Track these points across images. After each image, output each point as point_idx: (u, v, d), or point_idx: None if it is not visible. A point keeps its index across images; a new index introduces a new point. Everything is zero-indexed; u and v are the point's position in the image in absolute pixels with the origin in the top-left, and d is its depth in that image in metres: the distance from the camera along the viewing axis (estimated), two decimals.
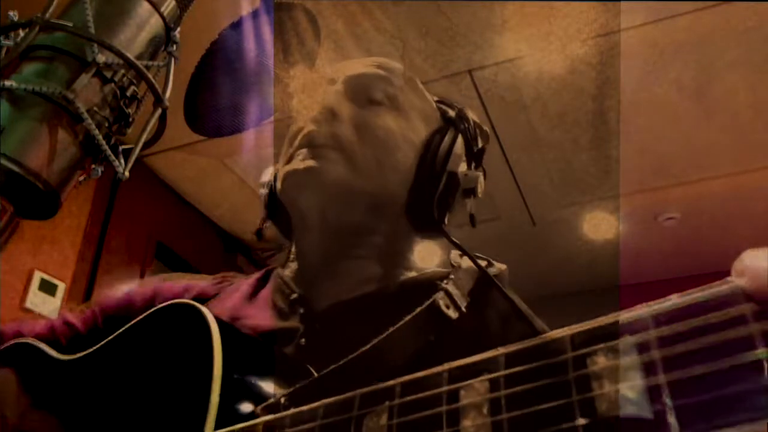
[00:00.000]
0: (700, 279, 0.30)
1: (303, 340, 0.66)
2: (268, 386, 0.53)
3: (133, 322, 0.63)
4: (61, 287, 2.77)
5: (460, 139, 0.75)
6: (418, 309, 0.62)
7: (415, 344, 0.60)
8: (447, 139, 0.73)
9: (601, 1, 2.29)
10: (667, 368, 0.28)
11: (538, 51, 2.54)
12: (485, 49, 2.54)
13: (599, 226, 3.66)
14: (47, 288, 2.70)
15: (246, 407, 0.50)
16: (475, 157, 0.78)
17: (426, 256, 0.79)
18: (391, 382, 0.39)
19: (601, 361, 0.30)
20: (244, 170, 3.33)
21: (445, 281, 0.67)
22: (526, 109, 2.84)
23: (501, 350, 0.35)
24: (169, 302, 0.61)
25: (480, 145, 0.79)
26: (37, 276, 2.67)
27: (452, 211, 0.73)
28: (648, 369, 0.29)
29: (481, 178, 0.74)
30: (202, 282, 0.82)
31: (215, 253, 3.77)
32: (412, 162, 0.72)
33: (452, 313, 0.64)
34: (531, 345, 0.34)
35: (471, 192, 0.73)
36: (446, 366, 0.37)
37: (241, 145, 2.92)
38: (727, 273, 0.30)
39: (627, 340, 0.30)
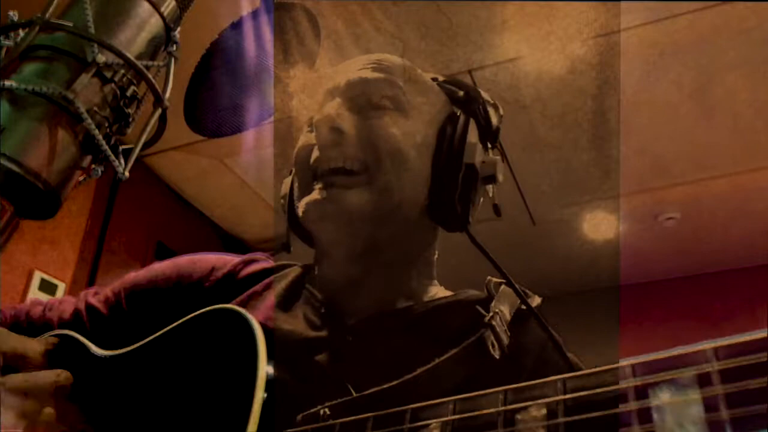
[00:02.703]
0: (700, 279, 0.29)
1: (335, 350, 0.65)
2: (307, 396, 0.53)
3: (177, 323, 0.63)
4: (61, 287, 2.77)
5: (472, 124, 0.72)
6: (465, 343, 0.61)
7: (455, 378, 0.60)
8: (459, 129, 0.70)
9: (601, 1, 2.29)
10: (729, 403, 0.28)
11: (538, 51, 2.54)
12: (485, 49, 2.54)
13: (599, 226, 3.66)
14: (47, 288, 2.70)
15: (286, 415, 0.50)
16: (490, 138, 0.76)
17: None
18: (445, 399, 0.39)
19: (663, 395, 0.30)
20: (244, 170, 3.33)
21: (490, 314, 0.65)
22: (526, 109, 2.84)
23: (560, 377, 0.35)
24: (215, 307, 0.60)
25: (494, 124, 0.76)
26: (37, 276, 2.67)
27: (475, 204, 0.71)
28: (710, 403, 0.28)
29: (500, 162, 0.72)
30: (230, 261, 0.80)
31: None
32: (427, 162, 0.70)
33: (496, 353, 0.63)
34: (590, 373, 0.34)
35: (491, 179, 0.71)
36: (502, 388, 0.37)
37: (241, 145, 2.92)
38: (727, 273, 0.30)
39: (688, 373, 0.30)
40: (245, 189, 3.45)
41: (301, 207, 0.70)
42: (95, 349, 0.69)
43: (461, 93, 0.75)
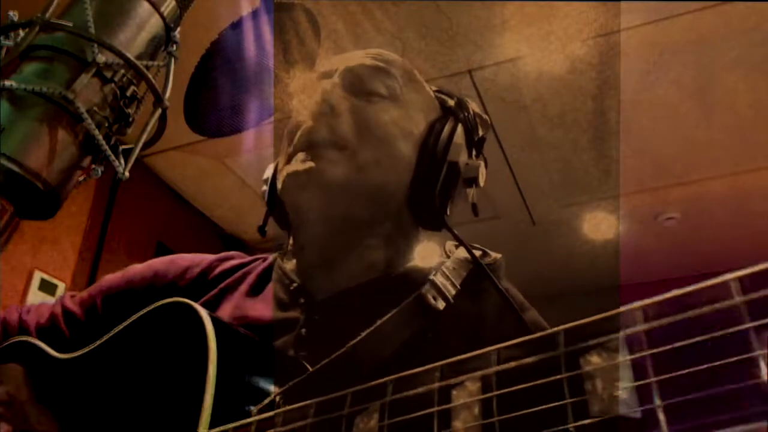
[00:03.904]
0: (700, 279, 0.29)
1: (303, 330, 0.66)
2: (264, 384, 0.53)
3: (130, 320, 0.63)
4: (61, 287, 2.77)
5: (460, 129, 0.74)
6: (405, 302, 0.63)
7: (401, 336, 0.61)
8: (447, 128, 0.73)
9: (601, 1, 2.29)
10: (657, 366, 0.28)
11: (538, 51, 2.54)
12: (485, 49, 2.54)
13: (599, 226, 3.67)
14: (47, 288, 2.70)
15: (241, 406, 0.50)
16: (475, 146, 0.78)
17: (427, 255, 0.79)
18: (383, 380, 0.38)
19: (594, 360, 0.30)
20: (244, 170, 3.33)
21: (434, 272, 0.67)
22: (526, 109, 2.84)
23: (493, 348, 0.34)
24: (166, 301, 0.61)
25: (480, 133, 0.78)
26: (37, 276, 2.67)
27: (454, 201, 0.72)
28: (638, 366, 0.28)
29: (483, 167, 0.74)
30: (204, 259, 0.81)
31: (215, 253, 3.76)
32: (412, 154, 0.71)
33: (439, 304, 0.65)
34: (524, 341, 0.33)
35: (472, 181, 0.72)
36: (438, 363, 0.37)
37: (241, 145, 2.92)
38: (727, 273, 0.30)
39: (618, 337, 0.30)
40: (245, 189, 3.45)
41: (281, 177, 0.71)
42: (53, 353, 0.69)
43: (452, 102, 0.78)
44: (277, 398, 0.49)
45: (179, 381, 0.53)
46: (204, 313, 0.56)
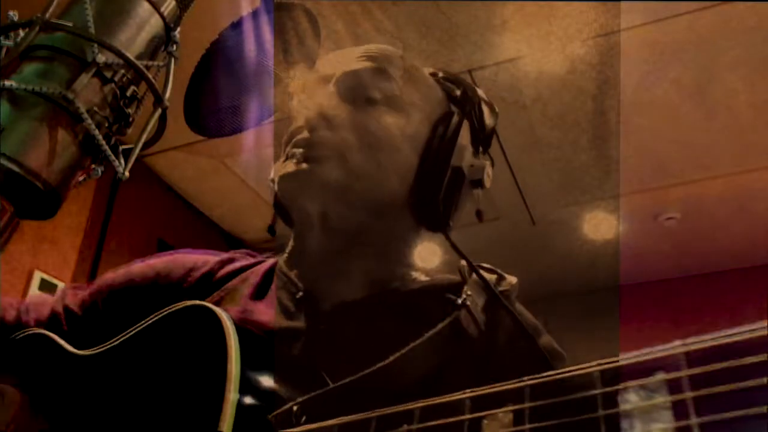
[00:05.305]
0: (700, 279, 0.29)
1: (308, 340, 0.65)
2: (280, 390, 0.52)
3: (146, 322, 0.62)
4: (61, 287, 2.77)
5: (465, 125, 0.72)
6: (440, 325, 0.61)
7: (433, 361, 0.60)
8: (451, 129, 0.70)
9: (601, 1, 2.29)
10: (699, 410, 0.27)
11: (538, 51, 2.54)
12: (485, 49, 2.54)
13: (599, 226, 3.66)
14: (47, 288, 2.70)
15: (258, 411, 0.50)
16: (482, 142, 0.76)
17: (426, 256, 0.79)
18: (411, 405, 0.38)
19: (632, 399, 0.29)
20: (244, 170, 3.33)
21: (462, 296, 0.66)
22: (526, 109, 2.84)
23: (527, 381, 0.34)
24: (185, 304, 0.60)
25: (489, 125, 0.76)
26: (37, 276, 2.67)
27: (459, 205, 0.71)
28: (679, 410, 0.28)
29: (489, 167, 0.72)
30: (208, 261, 0.80)
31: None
32: (414, 160, 0.70)
33: (473, 332, 0.63)
34: (559, 377, 0.33)
35: (478, 183, 0.71)
36: (468, 392, 0.36)
37: (241, 145, 2.92)
38: (727, 273, 0.30)
39: (658, 378, 0.29)
40: (245, 189, 3.45)
41: (276, 178, 0.70)
42: (68, 347, 0.69)
43: (458, 91, 0.75)
44: (295, 408, 0.49)
45: (199, 385, 0.53)
46: (224, 316, 0.55)
